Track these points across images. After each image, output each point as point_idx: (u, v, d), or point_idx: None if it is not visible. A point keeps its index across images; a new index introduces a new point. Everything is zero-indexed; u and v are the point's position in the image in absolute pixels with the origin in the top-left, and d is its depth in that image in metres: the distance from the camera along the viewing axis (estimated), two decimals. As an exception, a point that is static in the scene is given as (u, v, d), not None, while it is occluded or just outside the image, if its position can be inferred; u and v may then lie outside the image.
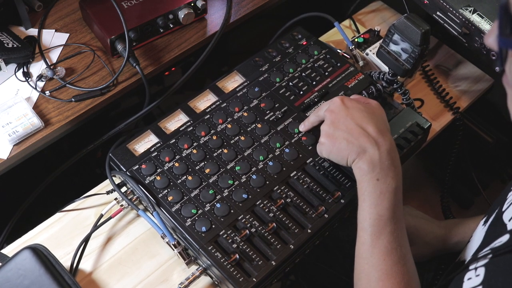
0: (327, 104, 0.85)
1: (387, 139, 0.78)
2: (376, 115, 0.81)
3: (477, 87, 1.11)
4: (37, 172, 1.05)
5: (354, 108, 0.81)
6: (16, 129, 0.91)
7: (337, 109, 0.82)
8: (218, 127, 0.93)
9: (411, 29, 0.86)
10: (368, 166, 0.76)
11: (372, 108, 0.82)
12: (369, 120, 0.79)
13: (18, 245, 0.87)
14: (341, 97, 0.84)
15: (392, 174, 0.76)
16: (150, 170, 0.87)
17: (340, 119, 0.80)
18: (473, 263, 0.63)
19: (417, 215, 1.02)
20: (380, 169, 0.76)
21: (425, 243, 0.98)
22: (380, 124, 0.80)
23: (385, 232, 0.74)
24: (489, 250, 0.63)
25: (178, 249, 0.83)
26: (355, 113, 0.80)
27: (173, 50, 1.05)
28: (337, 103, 0.82)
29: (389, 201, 0.75)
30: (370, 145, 0.77)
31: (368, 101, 0.85)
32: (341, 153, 0.79)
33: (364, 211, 0.76)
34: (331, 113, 0.82)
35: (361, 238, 0.77)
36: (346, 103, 0.82)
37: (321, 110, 0.86)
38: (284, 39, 1.05)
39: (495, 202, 0.77)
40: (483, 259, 0.62)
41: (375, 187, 0.75)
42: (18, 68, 0.99)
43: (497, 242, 0.64)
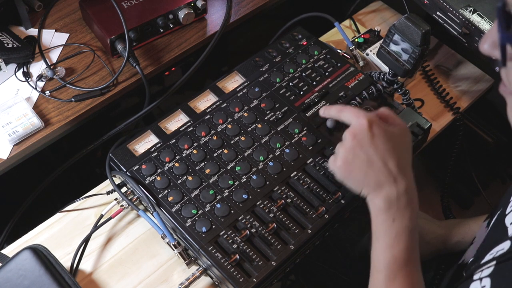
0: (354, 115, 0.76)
1: (407, 177, 0.73)
2: (401, 146, 0.75)
3: (477, 87, 1.11)
4: (37, 172, 1.05)
5: (380, 137, 0.73)
6: (16, 129, 0.91)
7: (361, 134, 0.74)
8: (218, 127, 0.92)
9: (412, 29, 0.86)
10: (384, 204, 0.71)
11: (399, 137, 0.75)
12: (393, 154, 0.73)
13: (18, 245, 0.87)
14: (370, 118, 0.74)
15: (409, 214, 0.71)
16: (150, 170, 0.87)
17: (363, 146, 0.73)
18: (478, 272, 0.63)
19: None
20: (396, 208, 0.71)
21: (425, 242, 0.98)
22: (403, 159, 0.74)
23: (400, 275, 0.70)
24: (491, 257, 0.63)
25: (178, 250, 0.83)
26: (380, 143, 0.73)
27: (173, 50, 1.05)
28: (362, 126, 0.74)
29: (405, 243, 0.70)
30: (388, 182, 0.71)
31: (397, 122, 0.77)
32: (356, 183, 0.74)
33: (378, 251, 0.72)
34: (353, 137, 0.74)
35: (374, 279, 0.72)
36: (373, 129, 0.74)
37: (345, 114, 0.78)
38: (284, 39, 1.05)
39: (498, 203, 0.77)
40: (487, 268, 0.62)
41: (390, 227, 0.71)
42: (18, 68, 0.99)
43: (500, 248, 0.63)
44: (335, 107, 0.81)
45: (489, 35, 0.50)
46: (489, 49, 0.50)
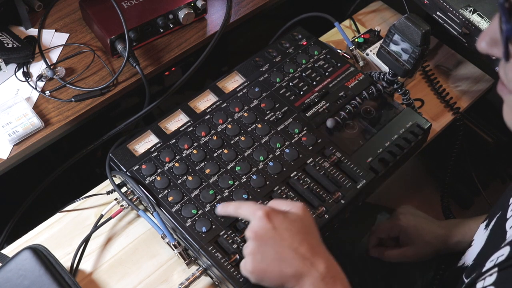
0: (251, 211, 0.72)
1: (323, 255, 0.69)
2: (305, 227, 0.71)
3: (477, 87, 1.11)
4: (37, 172, 1.05)
5: (281, 226, 0.69)
6: (16, 129, 0.91)
7: (261, 229, 0.69)
8: (218, 127, 0.92)
9: (412, 30, 0.86)
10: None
11: (299, 218, 0.71)
12: (300, 238, 0.69)
13: (18, 245, 0.87)
14: (265, 210, 0.70)
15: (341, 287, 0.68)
16: (150, 170, 0.87)
17: (267, 241, 0.69)
18: (480, 281, 0.63)
19: (418, 215, 1.02)
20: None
21: (425, 243, 0.98)
22: (312, 239, 0.70)
23: None
24: (493, 265, 0.63)
25: (178, 250, 0.83)
26: (282, 232, 0.69)
27: (173, 50, 1.05)
28: (261, 221, 0.69)
29: None
30: (307, 269, 0.67)
31: (293, 205, 0.73)
32: (275, 282, 0.69)
33: None
34: (255, 236, 0.69)
35: None
36: (272, 220, 0.69)
37: (242, 211, 0.74)
38: (284, 39, 1.05)
39: (497, 204, 0.77)
40: (489, 276, 0.61)
41: None
42: (18, 68, 0.99)
43: (500, 254, 0.63)
44: (233, 204, 0.76)
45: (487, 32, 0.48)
46: (487, 47, 0.48)
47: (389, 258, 1.01)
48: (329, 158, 0.89)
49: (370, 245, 1.03)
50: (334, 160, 0.89)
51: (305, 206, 0.73)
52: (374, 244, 1.03)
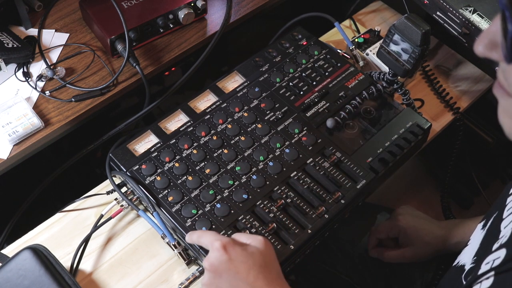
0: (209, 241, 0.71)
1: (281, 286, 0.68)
2: (264, 259, 0.69)
3: (477, 87, 1.11)
4: (37, 172, 1.05)
5: (237, 258, 0.68)
6: (16, 129, 0.91)
7: (216, 260, 0.68)
8: (218, 127, 0.92)
9: (412, 29, 0.86)
10: None
11: (258, 251, 0.69)
12: (257, 271, 0.67)
13: (18, 245, 0.87)
14: (222, 242, 0.69)
15: None
16: (150, 170, 0.87)
17: (222, 274, 0.67)
18: (476, 284, 0.62)
19: (417, 215, 1.02)
20: None
21: (425, 243, 0.98)
22: (270, 272, 0.68)
23: None
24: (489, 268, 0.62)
25: (178, 250, 0.83)
26: (238, 264, 0.67)
27: (173, 50, 1.05)
28: (218, 252, 0.68)
29: None
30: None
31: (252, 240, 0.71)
32: None
33: None
34: (210, 266, 0.68)
35: None
36: (228, 252, 0.68)
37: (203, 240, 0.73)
38: (284, 39, 1.05)
39: (494, 205, 0.77)
40: (485, 279, 0.61)
41: None
42: (18, 68, 0.99)
43: (496, 257, 0.63)
44: (196, 233, 0.76)
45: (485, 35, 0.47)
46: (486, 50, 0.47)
47: (389, 258, 1.01)
48: (329, 158, 0.89)
49: (370, 246, 1.03)
50: (334, 160, 0.89)
51: (266, 239, 0.71)
52: (373, 244, 1.03)
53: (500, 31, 0.44)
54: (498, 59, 0.47)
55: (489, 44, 0.46)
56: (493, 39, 0.46)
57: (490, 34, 0.46)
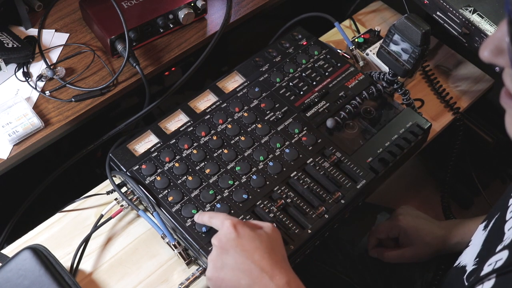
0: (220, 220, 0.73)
1: (285, 271, 0.68)
2: (271, 242, 0.71)
3: (477, 87, 1.11)
4: (37, 172, 1.05)
5: (245, 237, 0.70)
6: (16, 129, 0.91)
7: (225, 237, 0.71)
8: (218, 127, 0.92)
9: (412, 30, 0.86)
10: None
11: (266, 235, 0.72)
12: (263, 251, 0.69)
13: (18, 245, 0.87)
14: (233, 221, 0.72)
15: None
16: (150, 170, 0.87)
17: (229, 250, 0.69)
18: (478, 285, 0.62)
19: (417, 215, 1.02)
20: None
21: (425, 243, 0.98)
22: (275, 254, 0.70)
23: None
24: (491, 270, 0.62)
25: (178, 250, 0.83)
26: (246, 243, 0.69)
27: (173, 50, 1.05)
28: (227, 229, 0.71)
29: None
30: (264, 281, 0.67)
31: (263, 226, 0.74)
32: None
33: None
34: (219, 242, 0.71)
35: None
36: (238, 230, 0.70)
37: (214, 220, 0.76)
38: (284, 39, 1.05)
39: (496, 206, 0.77)
40: (487, 281, 0.61)
41: None
42: (18, 68, 0.99)
43: (498, 258, 0.63)
44: (208, 214, 0.78)
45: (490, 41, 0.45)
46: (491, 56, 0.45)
47: (389, 258, 1.01)
48: (329, 158, 0.89)
49: (370, 246, 1.03)
50: (334, 160, 0.89)
51: (275, 227, 0.74)
52: (373, 244, 1.03)
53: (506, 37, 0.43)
54: (505, 65, 0.45)
55: (495, 50, 0.45)
56: (499, 45, 0.45)
57: (496, 40, 0.45)
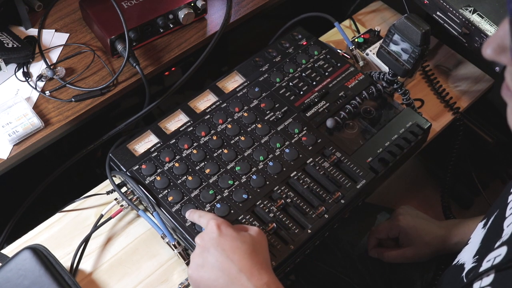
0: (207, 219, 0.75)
1: (265, 272, 0.69)
2: (253, 246, 0.71)
3: (477, 87, 1.11)
4: (37, 172, 1.05)
5: (227, 237, 0.71)
6: (16, 129, 0.91)
7: (207, 236, 0.72)
8: (218, 127, 0.92)
9: (411, 29, 0.86)
10: None
11: (250, 237, 0.72)
12: (243, 252, 0.69)
13: (18, 245, 0.87)
14: (218, 222, 0.73)
15: None
16: (150, 170, 0.87)
17: (210, 248, 0.70)
18: (477, 281, 0.63)
19: (417, 215, 1.02)
20: None
21: (424, 243, 0.98)
22: (257, 256, 0.70)
23: None
24: (490, 266, 0.63)
25: (178, 249, 0.83)
26: (227, 243, 0.70)
27: (173, 50, 1.05)
28: (210, 229, 0.72)
29: None
30: (241, 280, 0.67)
31: (248, 228, 0.75)
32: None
33: None
34: (201, 240, 0.72)
35: None
36: (221, 230, 0.72)
37: (202, 219, 0.77)
38: (284, 39, 1.05)
39: (495, 203, 0.77)
40: (486, 277, 0.61)
41: None
42: (18, 68, 0.99)
43: (496, 254, 0.63)
44: (198, 212, 0.80)
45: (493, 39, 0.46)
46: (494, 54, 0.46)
47: (389, 258, 1.01)
48: (329, 158, 0.89)
49: (370, 246, 1.03)
50: (334, 160, 0.89)
51: (261, 231, 0.76)
52: (373, 244, 1.03)
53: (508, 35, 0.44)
54: (507, 63, 0.46)
55: (498, 48, 0.46)
56: (502, 43, 0.45)
57: (498, 38, 0.45)
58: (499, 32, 0.46)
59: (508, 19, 0.43)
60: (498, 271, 0.60)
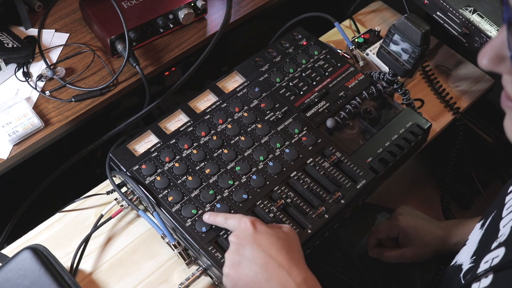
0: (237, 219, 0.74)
1: (302, 268, 0.69)
2: (288, 241, 0.72)
3: (477, 87, 1.11)
4: (37, 172, 1.05)
5: (262, 233, 0.71)
6: (16, 129, 0.91)
7: (243, 233, 0.71)
8: (218, 127, 0.92)
9: (411, 29, 0.86)
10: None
11: (284, 234, 0.72)
12: (280, 247, 0.69)
13: (18, 245, 0.87)
14: (252, 218, 0.73)
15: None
16: (150, 170, 0.87)
17: (246, 246, 0.70)
18: (475, 283, 0.63)
19: (417, 215, 1.02)
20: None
21: (424, 243, 0.98)
22: (293, 252, 0.70)
23: None
24: (488, 267, 0.62)
25: (178, 250, 0.83)
26: (263, 238, 0.70)
27: (173, 50, 1.05)
28: (244, 226, 0.72)
29: None
30: (281, 276, 0.67)
31: (281, 226, 0.75)
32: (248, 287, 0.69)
33: None
34: (236, 238, 0.72)
35: None
36: (256, 226, 0.72)
37: (230, 221, 0.76)
38: (284, 39, 1.05)
39: (493, 204, 0.77)
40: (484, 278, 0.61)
41: None
42: (18, 68, 0.99)
43: (494, 255, 0.63)
44: (223, 215, 0.78)
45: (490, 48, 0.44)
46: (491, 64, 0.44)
47: (389, 259, 1.00)
48: (329, 158, 0.89)
49: (370, 246, 1.03)
50: (334, 160, 0.89)
51: (293, 229, 0.75)
52: (373, 244, 1.03)
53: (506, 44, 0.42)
54: (507, 72, 0.44)
55: (496, 58, 0.44)
56: (500, 53, 0.43)
57: (495, 47, 0.44)
58: (495, 42, 0.44)
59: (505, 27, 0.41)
60: (496, 272, 0.60)
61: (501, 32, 0.43)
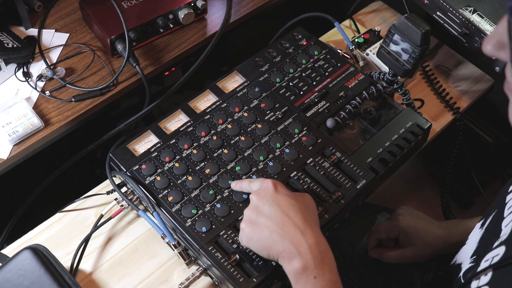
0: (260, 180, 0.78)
1: (316, 231, 0.71)
2: (306, 206, 0.74)
3: (477, 87, 1.11)
4: (37, 172, 1.05)
5: (282, 194, 0.74)
6: (16, 129, 0.91)
7: (263, 192, 0.74)
8: (218, 127, 0.92)
9: (412, 29, 0.86)
10: (300, 263, 0.68)
11: (303, 199, 0.75)
12: (297, 210, 0.72)
13: (18, 245, 0.87)
14: (274, 181, 0.75)
15: (329, 267, 0.68)
16: (150, 170, 0.87)
17: (265, 203, 0.73)
18: (475, 280, 0.63)
19: (417, 215, 1.02)
20: (314, 265, 0.67)
21: (424, 243, 0.98)
22: (309, 216, 0.73)
23: None
24: (488, 265, 0.63)
25: (178, 250, 0.83)
26: (282, 199, 0.73)
27: (173, 50, 1.05)
28: (266, 186, 0.75)
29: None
30: (295, 235, 0.69)
31: (300, 193, 0.78)
32: (262, 242, 0.71)
33: None
34: (257, 196, 0.75)
35: None
36: (277, 187, 0.74)
37: (254, 183, 0.79)
38: (284, 39, 1.05)
39: (493, 204, 0.77)
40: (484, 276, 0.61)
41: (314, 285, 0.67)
42: (18, 68, 0.99)
43: (495, 254, 0.63)
44: (246, 180, 0.82)
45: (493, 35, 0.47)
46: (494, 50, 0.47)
47: (389, 259, 1.01)
48: (329, 158, 0.89)
49: (370, 246, 1.03)
50: (334, 160, 0.89)
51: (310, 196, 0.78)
52: (373, 244, 1.03)
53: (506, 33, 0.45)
54: (506, 59, 0.47)
55: (497, 45, 0.47)
56: (501, 40, 0.46)
57: (498, 35, 0.46)
58: (498, 29, 0.46)
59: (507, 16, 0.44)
60: (495, 269, 0.60)
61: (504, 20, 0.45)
